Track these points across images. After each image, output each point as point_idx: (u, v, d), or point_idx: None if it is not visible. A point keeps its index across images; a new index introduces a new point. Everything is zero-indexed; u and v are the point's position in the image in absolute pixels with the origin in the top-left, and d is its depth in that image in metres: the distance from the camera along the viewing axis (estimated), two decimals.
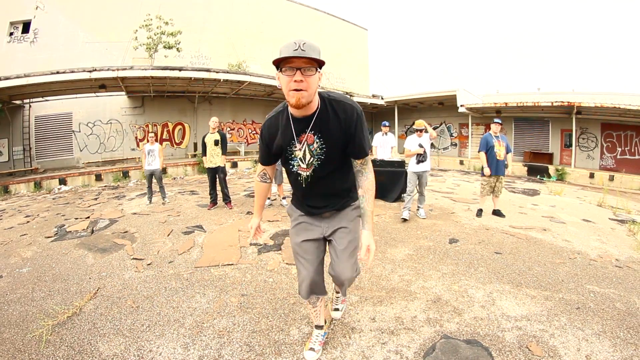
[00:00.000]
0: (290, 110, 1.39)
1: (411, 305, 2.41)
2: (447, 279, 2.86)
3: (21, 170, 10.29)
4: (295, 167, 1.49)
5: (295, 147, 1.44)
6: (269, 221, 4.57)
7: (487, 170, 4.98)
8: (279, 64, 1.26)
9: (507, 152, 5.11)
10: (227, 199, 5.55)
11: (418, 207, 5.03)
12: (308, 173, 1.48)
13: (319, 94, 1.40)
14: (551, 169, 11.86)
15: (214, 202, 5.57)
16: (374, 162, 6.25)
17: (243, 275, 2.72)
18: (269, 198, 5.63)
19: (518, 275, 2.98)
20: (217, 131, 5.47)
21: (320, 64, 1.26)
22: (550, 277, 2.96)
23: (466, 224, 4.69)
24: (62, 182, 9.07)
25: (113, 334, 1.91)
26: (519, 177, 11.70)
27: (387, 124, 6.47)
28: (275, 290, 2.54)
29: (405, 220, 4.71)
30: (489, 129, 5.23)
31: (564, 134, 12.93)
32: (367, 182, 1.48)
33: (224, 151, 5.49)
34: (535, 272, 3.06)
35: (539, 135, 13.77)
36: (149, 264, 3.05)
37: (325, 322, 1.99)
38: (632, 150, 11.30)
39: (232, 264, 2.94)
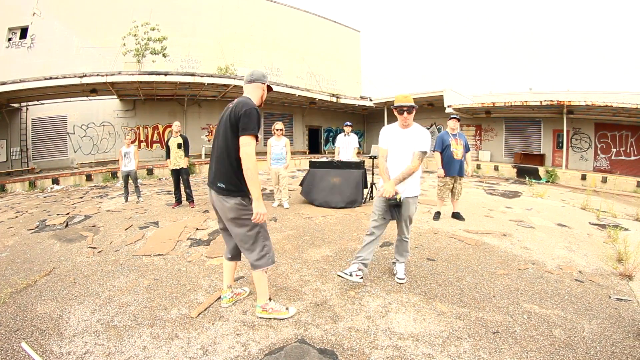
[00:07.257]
0: None
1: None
2: (349, 283, 2.73)
3: (18, 170, 11.10)
4: None
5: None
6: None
7: (440, 172, 4.76)
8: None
9: (465, 151, 4.85)
10: (189, 198, 6.27)
11: (395, 260, 2.96)
12: None
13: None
14: (541, 171, 11.46)
15: (178, 201, 6.29)
16: (331, 163, 6.20)
17: (165, 264, 3.41)
18: None
19: (439, 287, 2.67)
20: (180, 135, 6.19)
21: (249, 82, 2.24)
22: (481, 290, 2.58)
23: (414, 226, 4.47)
24: (55, 181, 9.82)
25: (50, 300, 2.66)
26: (507, 179, 11.44)
27: (349, 124, 6.42)
28: (182, 278, 3.00)
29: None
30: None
31: (556, 134, 12.63)
32: None
33: (187, 154, 6.21)
34: (464, 284, 2.71)
35: (530, 136, 13.50)
36: (99, 252, 3.81)
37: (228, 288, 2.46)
38: (628, 151, 10.95)
39: (162, 254, 3.68)
